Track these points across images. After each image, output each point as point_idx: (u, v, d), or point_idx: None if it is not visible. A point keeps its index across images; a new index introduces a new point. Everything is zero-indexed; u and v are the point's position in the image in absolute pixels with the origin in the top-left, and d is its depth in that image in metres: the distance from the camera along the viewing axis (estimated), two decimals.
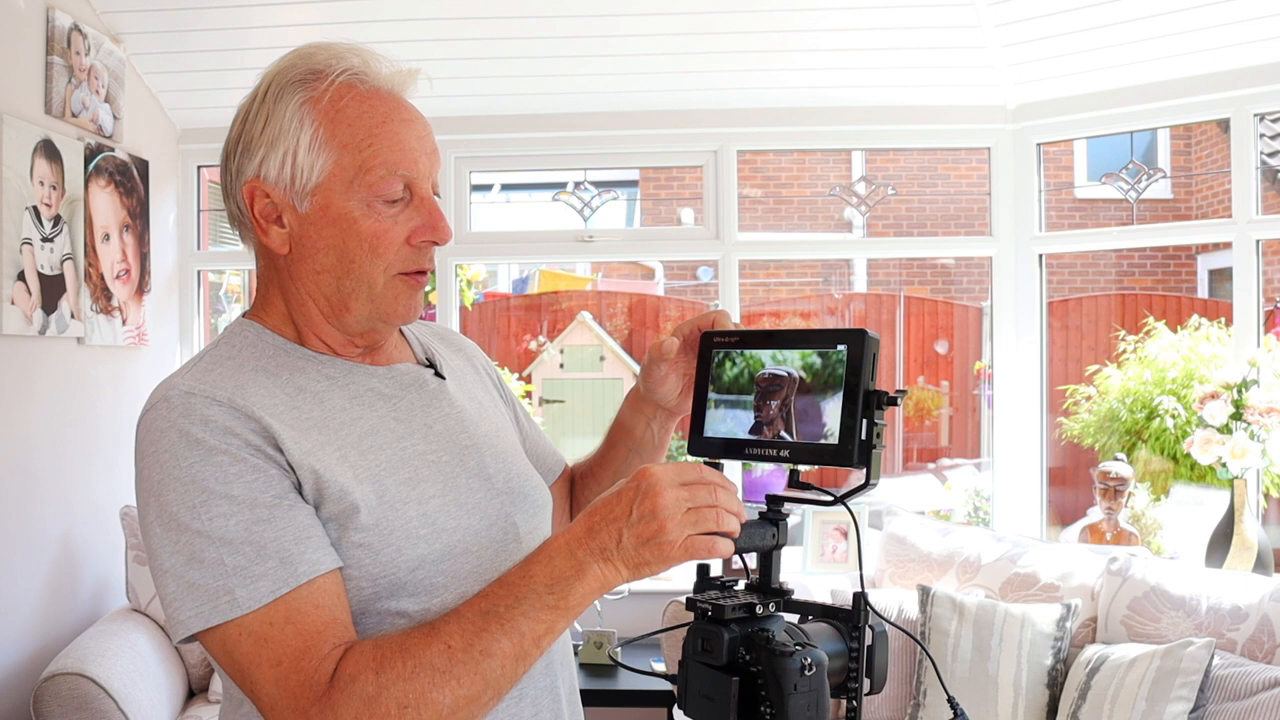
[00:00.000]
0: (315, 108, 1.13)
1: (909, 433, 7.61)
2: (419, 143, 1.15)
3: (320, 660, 1.01)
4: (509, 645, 1.01)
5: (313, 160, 1.12)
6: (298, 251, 1.15)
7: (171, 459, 1.05)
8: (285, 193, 1.14)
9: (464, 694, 1.00)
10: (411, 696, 0.98)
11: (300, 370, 1.16)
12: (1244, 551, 3.13)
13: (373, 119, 1.13)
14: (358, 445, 1.13)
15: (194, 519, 1.03)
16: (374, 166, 1.12)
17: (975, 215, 8.80)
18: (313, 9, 3.42)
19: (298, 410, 1.11)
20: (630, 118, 3.83)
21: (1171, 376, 3.91)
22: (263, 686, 1.01)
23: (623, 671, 3.33)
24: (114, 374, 3.45)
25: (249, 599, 1.01)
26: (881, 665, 1.12)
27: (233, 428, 1.06)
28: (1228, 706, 2.60)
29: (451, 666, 1.00)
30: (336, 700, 0.99)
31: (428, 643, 1.01)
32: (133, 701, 2.77)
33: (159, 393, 1.10)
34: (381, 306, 1.16)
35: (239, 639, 1.02)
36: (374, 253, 1.14)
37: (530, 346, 7.18)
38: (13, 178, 2.91)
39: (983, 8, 3.28)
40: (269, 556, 1.03)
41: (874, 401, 1.07)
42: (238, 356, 1.15)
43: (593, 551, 1.03)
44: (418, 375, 1.24)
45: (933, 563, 3.33)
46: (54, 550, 3.16)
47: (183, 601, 1.03)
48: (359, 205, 1.13)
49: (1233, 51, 3.25)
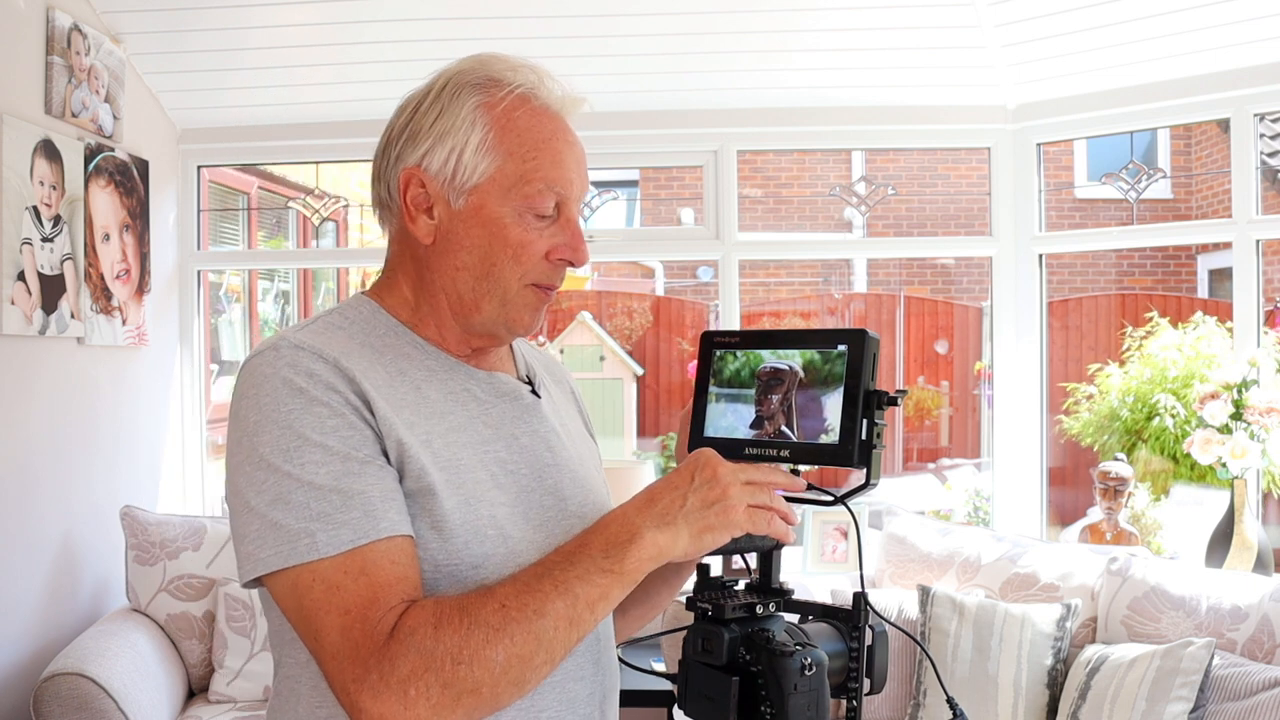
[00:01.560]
0: (490, 112, 1.17)
1: (909, 433, 7.61)
2: (577, 166, 1.21)
3: (385, 613, 1.02)
4: (563, 606, 1.03)
5: (478, 161, 1.17)
6: (442, 245, 1.19)
7: (272, 403, 1.08)
8: (443, 186, 1.17)
9: (516, 652, 1.01)
10: (466, 652, 1.00)
11: (405, 355, 1.19)
12: (1244, 551, 3.13)
13: (540, 134, 1.18)
14: (444, 437, 1.15)
15: (286, 462, 1.06)
16: (534, 179, 1.17)
17: (975, 215, 8.80)
18: (313, 9, 3.42)
19: (394, 389, 1.14)
20: (630, 118, 3.83)
21: (1172, 375, 3.91)
22: (327, 634, 1.03)
23: (623, 671, 3.33)
24: (114, 374, 3.45)
25: (329, 544, 1.03)
26: (881, 665, 1.12)
27: (335, 384, 1.09)
28: (1228, 706, 2.60)
29: (506, 624, 1.02)
30: (395, 651, 1.00)
31: (483, 601, 1.03)
32: (133, 701, 2.77)
33: (268, 341, 1.13)
34: (510, 313, 1.19)
35: (311, 584, 1.03)
36: (516, 260, 1.17)
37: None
38: (13, 178, 2.91)
39: (983, 8, 3.28)
40: (354, 507, 1.05)
41: (874, 401, 1.07)
42: (349, 328, 1.18)
43: (652, 517, 1.06)
44: (514, 387, 1.25)
45: (933, 563, 3.33)
46: (54, 550, 3.16)
47: (264, 539, 1.05)
48: (511, 212, 1.17)
49: (1233, 51, 3.25)
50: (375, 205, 1.25)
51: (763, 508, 1.07)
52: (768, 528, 1.06)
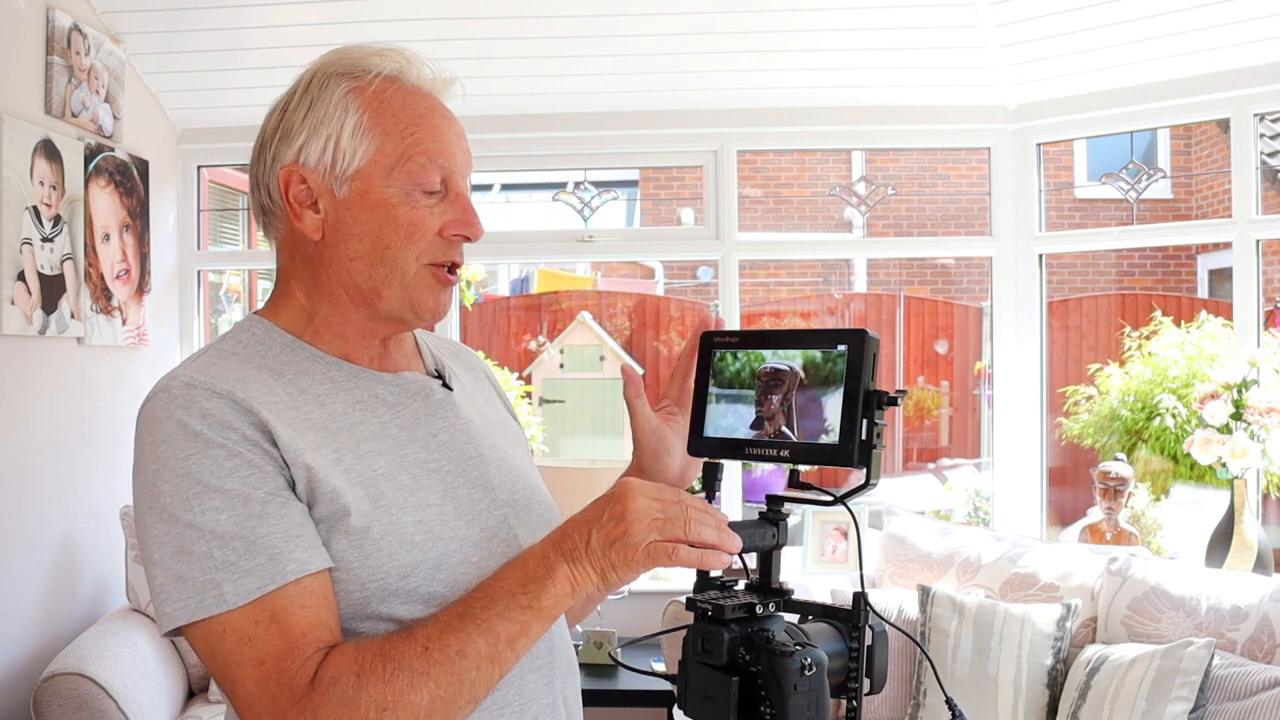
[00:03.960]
0: (360, 96, 1.16)
1: (909, 433, 7.61)
2: (457, 140, 1.19)
3: (302, 662, 1.01)
4: (484, 645, 1.02)
5: (355, 145, 1.15)
6: (331, 237, 1.16)
7: (168, 450, 1.05)
8: (324, 178, 1.15)
9: (440, 695, 1.00)
10: (389, 698, 0.99)
11: (305, 371, 1.16)
12: (1244, 551, 3.13)
13: (416, 110, 1.16)
14: (355, 450, 1.12)
15: (186, 511, 1.03)
16: (415, 154, 1.15)
17: (975, 215, 8.80)
18: (313, 9, 3.42)
19: (297, 410, 1.11)
20: (630, 118, 3.83)
21: (1173, 374, 3.91)
22: (243, 685, 1.01)
23: (623, 671, 3.33)
24: (114, 374, 3.45)
25: (235, 595, 1.01)
26: (881, 665, 1.12)
27: (230, 421, 1.06)
28: (1228, 706, 2.60)
29: (429, 668, 1.00)
30: (316, 703, 0.99)
31: (406, 645, 1.02)
32: (133, 701, 2.77)
33: (160, 383, 1.10)
34: (412, 295, 1.17)
35: (223, 635, 1.02)
36: (408, 240, 1.15)
37: (530, 346, 7.18)
38: (13, 178, 2.91)
39: (983, 8, 3.28)
40: (258, 553, 1.03)
41: (874, 401, 1.07)
42: (243, 353, 1.15)
43: (564, 553, 1.04)
44: (424, 385, 1.23)
45: (933, 563, 3.33)
46: (54, 550, 3.16)
47: (169, 593, 1.03)
48: (398, 192, 1.15)
49: (1233, 51, 3.25)
50: (258, 216, 1.21)
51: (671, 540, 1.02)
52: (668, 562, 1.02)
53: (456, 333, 4.09)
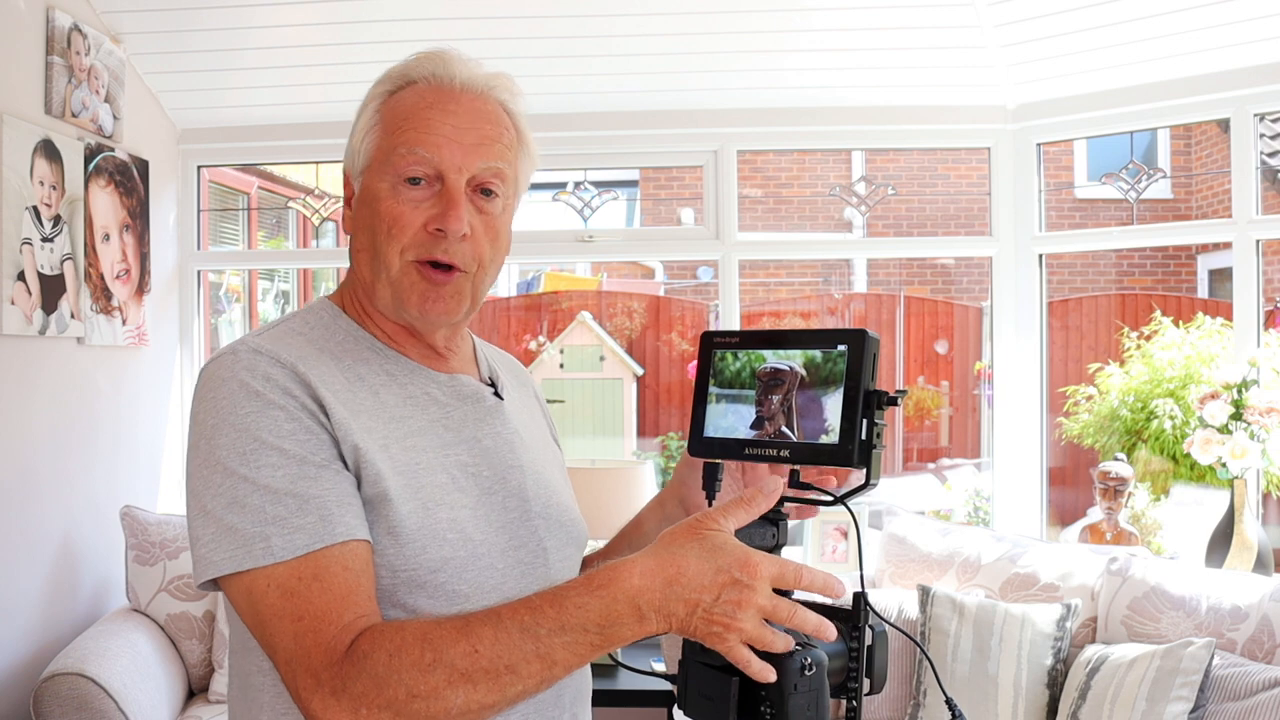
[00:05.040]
0: (384, 100, 1.21)
1: (909, 433, 7.60)
2: (455, 132, 1.17)
3: (341, 628, 1.01)
4: (538, 669, 0.98)
5: (363, 144, 1.21)
6: (353, 232, 1.22)
7: (229, 405, 1.08)
8: (353, 178, 1.23)
9: (478, 700, 0.98)
10: (424, 688, 0.98)
11: (364, 360, 1.19)
12: (1244, 551, 3.13)
13: (416, 106, 1.19)
14: (401, 441, 1.15)
15: (242, 465, 1.05)
16: (398, 146, 1.17)
17: (975, 215, 8.80)
18: (312, 9, 3.42)
19: (352, 394, 1.14)
20: (630, 118, 3.83)
21: (1169, 376, 3.91)
22: (280, 640, 1.02)
23: (623, 671, 3.33)
24: (114, 374, 3.45)
25: (284, 549, 1.03)
26: (881, 665, 1.12)
27: (291, 389, 1.09)
28: (1228, 706, 2.60)
29: (473, 672, 0.98)
30: (348, 672, 0.99)
31: (454, 640, 0.99)
32: (133, 701, 2.77)
33: (227, 347, 1.14)
34: (398, 294, 1.18)
35: (266, 589, 1.03)
36: (390, 234, 1.17)
37: (530, 346, 7.18)
38: (13, 178, 2.91)
39: (983, 8, 3.28)
40: (310, 511, 1.05)
41: (874, 401, 1.07)
42: (309, 333, 1.19)
43: (660, 611, 0.98)
44: (477, 390, 1.26)
45: (933, 563, 3.33)
46: (54, 550, 3.16)
47: (219, 543, 1.05)
48: (387, 186, 1.18)
49: (1233, 51, 3.25)
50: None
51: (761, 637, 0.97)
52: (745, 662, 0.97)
53: None
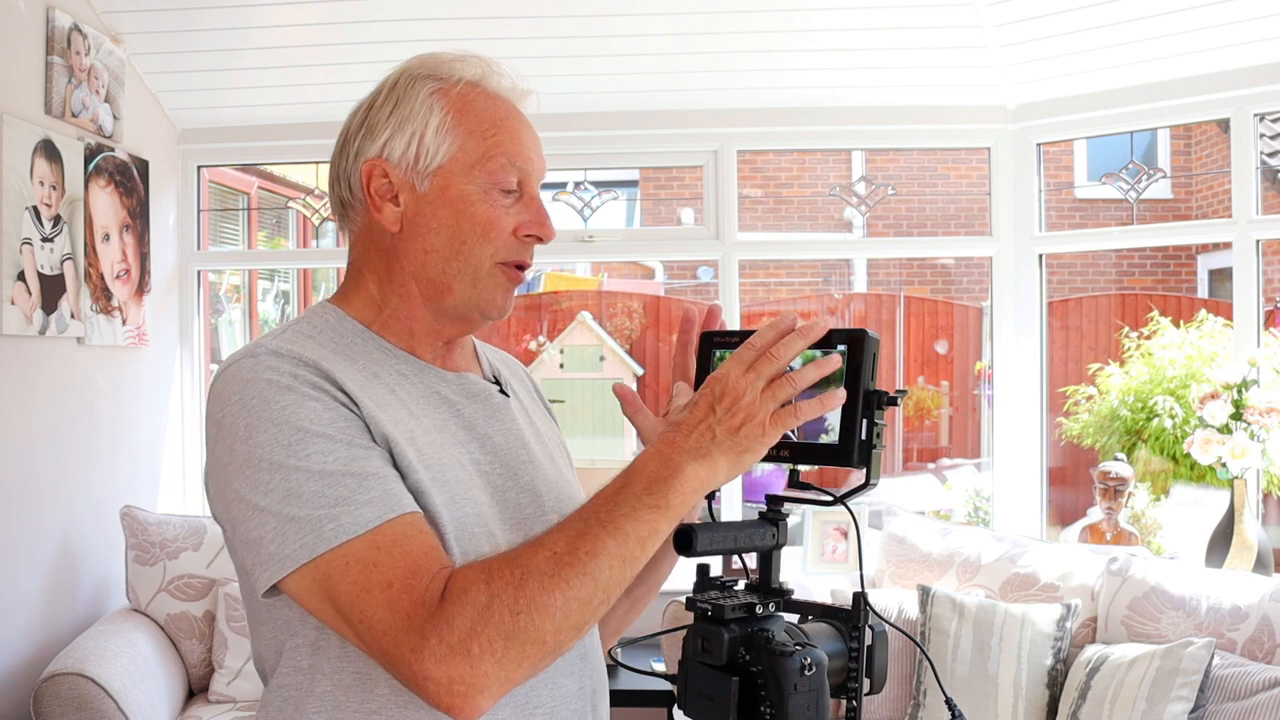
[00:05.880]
0: (445, 96, 1.20)
1: (909, 433, 7.60)
2: (534, 146, 1.23)
3: (430, 579, 1.01)
4: (615, 545, 1.02)
5: (439, 142, 1.19)
6: (409, 230, 1.20)
7: (260, 403, 1.06)
8: (407, 172, 1.19)
9: (574, 595, 1.00)
10: (523, 602, 0.99)
11: (375, 360, 1.19)
12: (1244, 551, 3.13)
13: (497, 113, 1.21)
14: (424, 436, 1.15)
15: (290, 457, 1.04)
16: (496, 155, 1.19)
17: (975, 215, 8.80)
18: (312, 9, 3.42)
19: (373, 390, 1.14)
20: (630, 118, 3.83)
21: (1171, 375, 3.91)
22: (373, 612, 1.00)
23: (623, 671, 3.33)
24: (114, 374, 3.45)
25: (355, 524, 1.02)
26: (881, 665, 1.12)
27: (320, 384, 1.09)
28: (1228, 706, 2.60)
29: (559, 570, 1.00)
30: (451, 612, 0.99)
31: (533, 551, 1.02)
32: (133, 701, 2.77)
33: (243, 350, 1.13)
34: (481, 293, 1.20)
35: (346, 568, 1.01)
36: (485, 237, 1.19)
37: (530, 346, 7.18)
38: (13, 178, 2.91)
39: (983, 8, 3.28)
40: (372, 487, 1.04)
41: (874, 401, 1.07)
42: (318, 336, 1.18)
43: (687, 452, 1.04)
44: (484, 388, 1.26)
45: (933, 563, 3.33)
46: (54, 550, 3.16)
47: (285, 536, 1.03)
48: (477, 190, 1.19)
49: (1233, 51, 3.25)
50: (335, 209, 1.26)
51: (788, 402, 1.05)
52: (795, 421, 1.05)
53: None
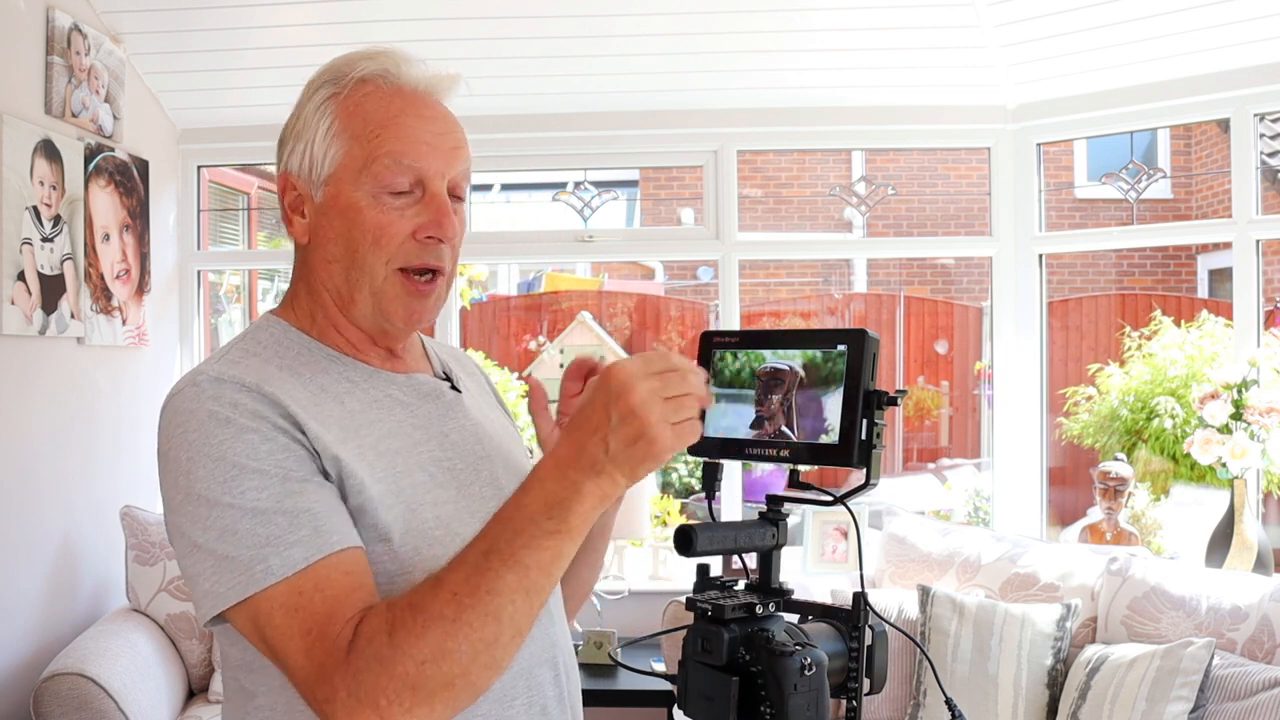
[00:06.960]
0: (336, 102, 1.17)
1: (909, 433, 7.61)
2: (434, 138, 1.17)
3: (343, 625, 1.00)
4: (514, 579, 0.98)
5: (325, 150, 1.16)
6: (315, 241, 1.19)
7: (200, 438, 1.06)
8: (306, 183, 1.18)
9: (479, 638, 0.98)
10: (428, 651, 0.97)
11: (322, 370, 1.17)
12: (1244, 551, 3.13)
13: (387, 113, 1.16)
14: (375, 447, 1.14)
15: (225, 494, 1.04)
16: (379, 157, 1.15)
17: (975, 215, 8.80)
18: (312, 9, 3.42)
19: (319, 407, 1.13)
20: (630, 118, 3.83)
21: (1172, 374, 3.90)
22: (293, 659, 1.01)
23: (623, 671, 3.33)
24: (114, 374, 3.45)
25: (282, 566, 1.02)
26: (881, 665, 1.12)
27: (261, 411, 1.07)
28: (1228, 706, 2.60)
29: (460, 613, 0.98)
30: (357, 665, 0.98)
31: (434, 594, 0.99)
32: (133, 701, 2.77)
33: (186, 379, 1.12)
34: (382, 303, 1.17)
35: (270, 611, 1.01)
36: (376, 244, 1.16)
37: (530, 346, 7.18)
38: (13, 178, 2.91)
39: (983, 8, 3.28)
40: (302, 525, 1.03)
41: (874, 401, 1.07)
42: (263, 353, 1.17)
43: (583, 468, 0.99)
44: (435, 386, 1.25)
45: (933, 563, 3.33)
46: (54, 550, 3.16)
47: (219, 576, 1.03)
48: (366, 196, 1.15)
49: (1233, 51, 3.25)
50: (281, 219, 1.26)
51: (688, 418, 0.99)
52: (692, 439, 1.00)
53: (456, 332, 4.08)
